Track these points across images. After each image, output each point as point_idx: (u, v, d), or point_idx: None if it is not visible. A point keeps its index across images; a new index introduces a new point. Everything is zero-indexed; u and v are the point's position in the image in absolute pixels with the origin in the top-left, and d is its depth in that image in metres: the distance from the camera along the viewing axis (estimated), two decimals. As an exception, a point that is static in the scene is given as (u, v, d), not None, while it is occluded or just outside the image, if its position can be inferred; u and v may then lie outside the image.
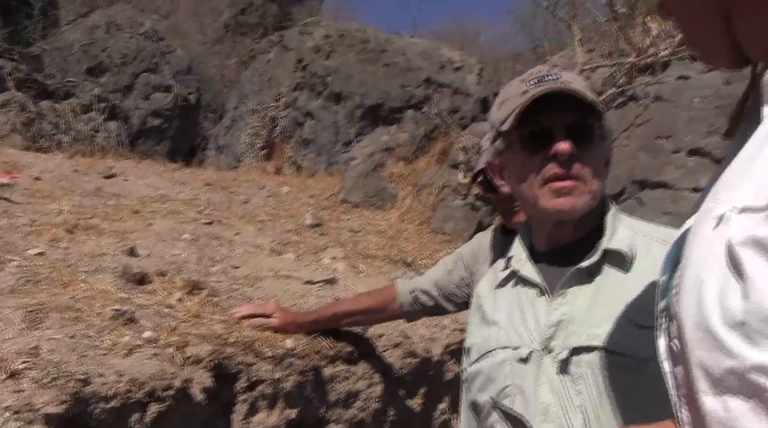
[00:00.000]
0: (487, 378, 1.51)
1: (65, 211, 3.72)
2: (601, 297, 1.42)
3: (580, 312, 1.42)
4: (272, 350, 2.64)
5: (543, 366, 1.41)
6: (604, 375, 1.35)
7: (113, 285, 2.78)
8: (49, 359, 2.02)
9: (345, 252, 4.31)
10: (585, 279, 1.45)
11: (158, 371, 2.21)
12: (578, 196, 1.44)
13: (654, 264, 1.37)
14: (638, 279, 1.40)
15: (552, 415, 1.38)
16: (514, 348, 1.46)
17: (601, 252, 1.45)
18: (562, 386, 1.38)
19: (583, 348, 1.38)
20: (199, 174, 6.57)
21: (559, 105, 1.43)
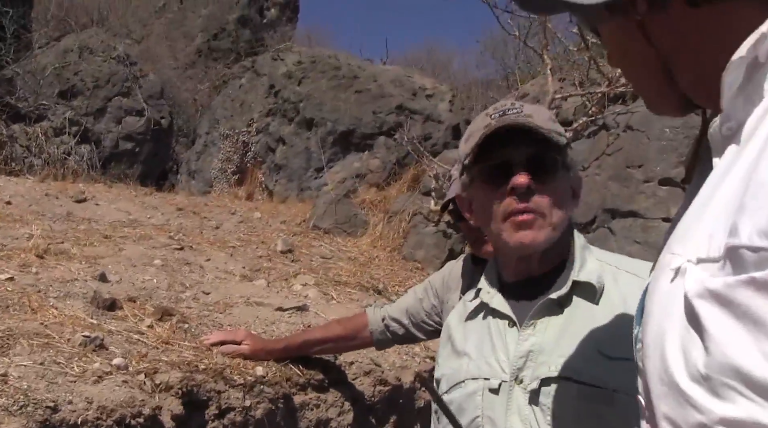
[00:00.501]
0: (457, 409, 1.51)
1: (36, 235, 3.70)
2: (571, 328, 1.44)
3: (549, 342, 1.44)
4: (243, 377, 2.65)
5: (513, 397, 1.43)
6: (573, 405, 1.37)
7: (83, 311, 2.78)
8: (17, 386, 2.02)
9: (316, 278, 4.33)
10: (554, 310, 1.47)
11: (128, 398, 2.21)
12: (538, 229, 1.45)
13: (622, 295, 1.44)
14: (607, 310, 1.44)
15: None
16: (485, 378, 1.48)
17: (570, 284, 1.47)
18: (532, 416, 1.40)
19: (553, 378, 1.40)
20: (171, 199, 6.56)
21: (519, 139, 1.45)
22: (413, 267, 5.40)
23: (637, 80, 0.90)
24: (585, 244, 1.56)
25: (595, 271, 1.49)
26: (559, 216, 1.48)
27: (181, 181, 10.69)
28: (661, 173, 4.46)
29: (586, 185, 4.97)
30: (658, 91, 0.86)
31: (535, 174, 1.45)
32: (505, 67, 13.77)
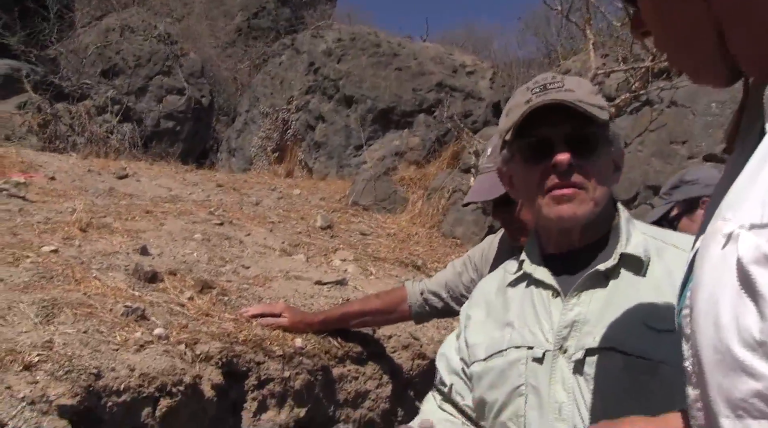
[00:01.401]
0: (498, 377, 1.53)
1: (79, 209, 3.75)
2: (616, 300, 1.44)
3: (594, 313, 1.44)
4: (282, 349, 2.66)
5: (557, 366, 1.44)
6: (617, 376, 1.38)
7: (125, 283, 2.81)
8: (62, 353, 2.05)
9: (355, 254, 4.33)
10: (600, 282, 1.47)
11: (169, 367, 2.23)
12: (579, 203, 1.46)
13: (667, 269, 1.44)
14: (652, 283, 1.44)
15: (565, 414, 1.41)
16: (528, 347, 1.49)
17: (617, 257, 1.47)
18: (576, 385, 1.41)
19: (597, 349, 1.41)
20: (211, 176, 6.61)
21: (559, 114, 1.44)
22: (452, 244, 5.37)
23: (681, 45, 0.85)
24: (629, 218, 1.56)
25: (642, 245, 1.49)
26: (601, 192, 1.48)
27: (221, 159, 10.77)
28: (706, 149, 4.36)
29: (628, 161, 4.88)
30: (705, 58, 0.82)
31: (577, 150, 1.45)
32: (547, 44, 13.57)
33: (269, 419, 2.61)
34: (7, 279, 2.54)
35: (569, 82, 1.50)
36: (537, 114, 1.44)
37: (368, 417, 2.93)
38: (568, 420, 1.41)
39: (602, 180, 1.48)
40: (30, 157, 5.64)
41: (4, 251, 2.83)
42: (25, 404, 1.77)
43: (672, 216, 2.94)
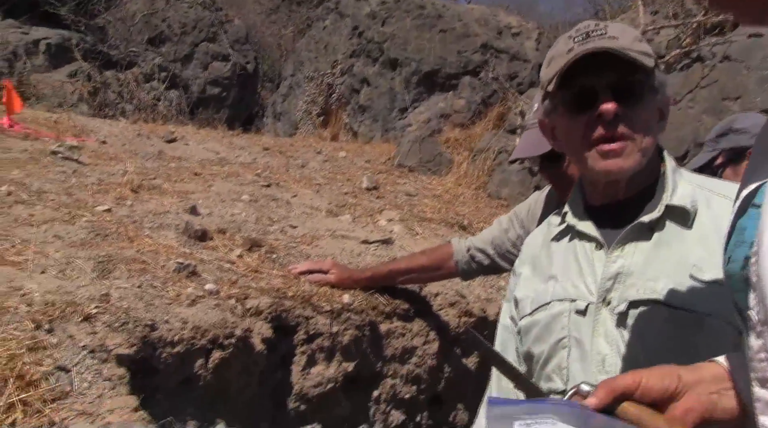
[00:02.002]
0: (543, 330, 1.52)
1: (130, 171, 3.82)
2: (661, 252, 1.41)
3: (638, 265, 1.42)
4: (330, 304, 2.70)
5: (600, 319, 1.42)
6: (661, 328, 1.35)
7: (176, 241, 2.87)
8: (118, 305, 2.11)
9: (401, 214, 4.34)
10: (644, 233, 1.44)
11: (220, 320, 2.29)
12: (626, 156, 1.41)
13: (715, 219, 1.39)
14: (699, 234, 1.40)
15: (609, 366, 1.40)
16: (572, 300, 1.47)
17: (663, 208, 1.44)
18: (619, 338, 1.40)
19: (642, 301, 1.38)
20: (257, 139, 6.66)
21: (603, 63, 1.39)
22: (498, 204, 5.35)
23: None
24: (676, 167, 1.52)
25: (689, 195, 1.45)
26: (647, 141, 1.43)
27: (266, 123, 10.84)
28: (760, 105, 4.24)
29: (678, 119, 4.79)
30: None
31: (622, 99, 1.40)
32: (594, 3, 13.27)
33: (318, 373, 2.66)
34: (65, 236, 2.61)
35: (612, 29, 1.44)
36: (580, 63, 1.39)
37: (415, 372, 2.96)
38: (611, 372, 1.39)
39: (649, 129, 1.43)
40: (82, 122, 5.75)
41: (60, 210, 2.90)
42: (86, 352, 1.83)
43: (716, 164, 2.84)
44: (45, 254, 2.38)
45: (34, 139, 4.37)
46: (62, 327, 1.91)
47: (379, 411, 2.88)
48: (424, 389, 3.02)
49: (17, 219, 2.67)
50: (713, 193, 1.47)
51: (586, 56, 1.39)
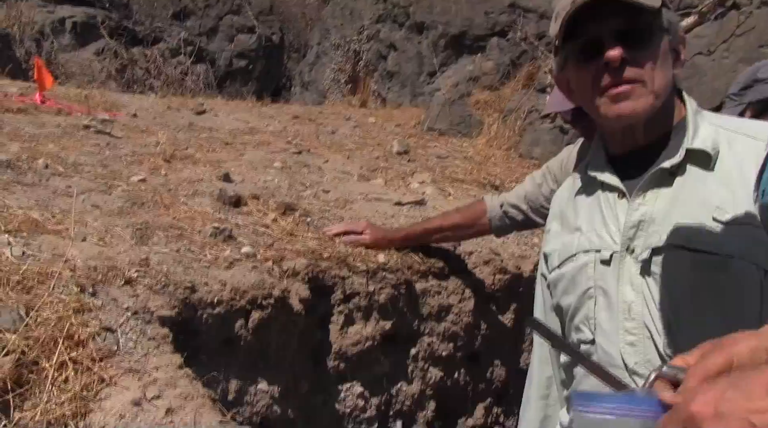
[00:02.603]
0: (570, 282, 1.52)
1: (162, 142, 3.86)
2: (683, 197, 1.40)
3: (660, 212, 1.41)
4: (365, 264, 2.72)
5: (625, 267, 1.43)
6: (686, 273, 1.35)
7: (211, 208, 2.91)
8: (158, 269, 2.16)
9: (433, 176, 4.34)
10: (666, 179, 1.43)
11: (258, 281, 2.32)
12: (637, 98, 1.39)
13: (738, 160, 1.39)
14: (721, 176, 1.39)
15: (635, 313, 1.41)
16: (596, 251, 1.47)
17: (683, 152, 1.42)
18: (645, 286, 1.40)
19: (664, 247, 1.38)
20: (287, 108, 6.67)
21: (607, 9, 1.37)
22: (530, 164, 5.31)
23: None
24: (697, 109, 1.49)
25: (710, 137, 1.43)
26: (660, 83, 1.40)
27: (294, 93, 10.84)
28: (800, 51, 4.14)
29: (713, 70, 4.70)
30: None
31: (629, 43, 1.38)
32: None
33: (356, 332, 2.69)
34: (103, 205, 2.66)
35: None
36: (584, 12, 1.37)
37: (451, 330, 2.98)
38: (637, 319, 1.41)
39: (660, 70, 1.40)
40: (112, 97, 5.81)
41: (96, 181, 2.95)
42: (130, 314, 1.88)
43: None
44: (84, 223, 2.42)
45: (66, 114, 4.42)
46: (105, 290, 1.95)
47: (418, 369, 2.91)
48: (461, 346, 3.04)
49: (55, 190, 2.72)
50: (737, 133, 1.44)
51: (588, 4, 1.36)
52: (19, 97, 4.79)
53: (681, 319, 1.36)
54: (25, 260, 1.99)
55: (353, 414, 2.71)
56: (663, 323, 1.38)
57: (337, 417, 2.66)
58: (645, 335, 1.40)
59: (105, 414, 1.55)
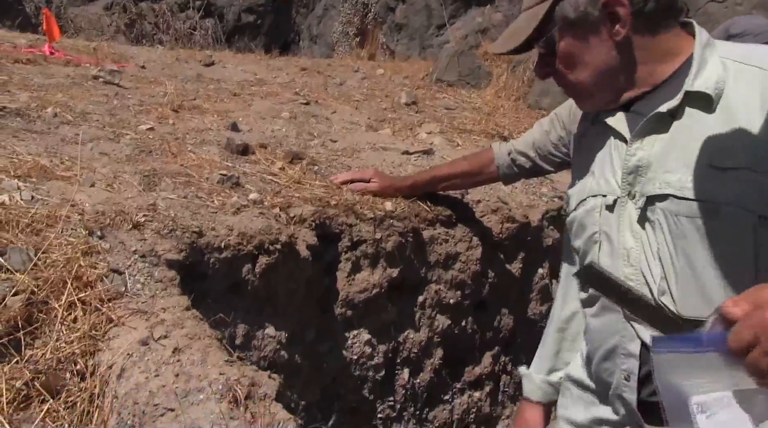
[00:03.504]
0: (579, 226, 1.56)
1: (170, 93, 3.85)
2: (681, 142, 1.40)
3: (657, 157, 1.41)
4: (372, 212, 2.72)
5: (625, 213, 1.45)
6: (680, 221, 1.36)
7: (218, 156, 2.91)
8: (166, 214, 2.17)
9: (441, 127, 4.31)
10: (664, 123, 1.42)
11: (265, 227, 2.33)
12: (579, 100, 1.58)
13: (744, 96, 1.36)
14: (724, 118, 1.36)
15: (633, 260, 1.44)
16: (603, 196, 1.50)
17: (681, 95, 1.40)
18: (642, 232, 1.43)
19: (659, 196, 1.39)
20: (295, 61, 6.62)
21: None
22: (539, 115, 5.26)
23: None
24: (708, 41, 1.45)
25: (714, 76, 1.39)
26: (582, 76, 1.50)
27: (303, 47, 10.76)
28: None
29: (725, 17, 4.61)
30: None
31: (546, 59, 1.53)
32: None
33: (363, 279, 2.71)
34: (111, 153, 2.67)
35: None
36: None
37: (459, 278, 2.99)
38: (636, 266, 1.43)
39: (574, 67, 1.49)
40: (121, 49, 5.78)
41: (105, 130, 2.95)
42: (137, 257, 1.89)
43: None
44: (92, 169, 2.43)
45: (75, 65, 4.41)
46: (113, 234, 1.96)
47: (425, 317, 2.93)
48: (469, 294, 3.05)
49: (64, 138, 2.73)
50: (746, 63, 1.40)
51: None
52: (28, 48, 4.78)
53: (674, 267, 1.39)
54: (34, 204, 2.00)
55: (360, 361, 2.74)
56: (658, 270, 1.41)
57: (344, 363, 2.69)
58: (642, 282, 1.43)
59: (113, 352, 1.57)
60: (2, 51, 4.41)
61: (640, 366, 1.47)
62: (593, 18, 1.43)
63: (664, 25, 1.43)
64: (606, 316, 1.52)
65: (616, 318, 1.50)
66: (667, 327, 1.37)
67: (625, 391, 1.50)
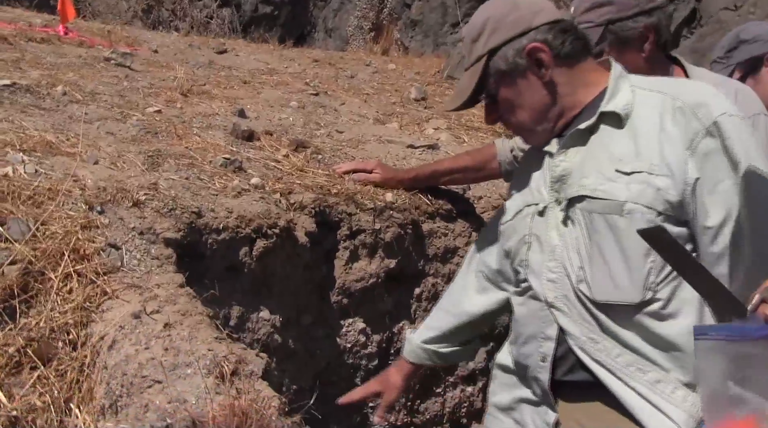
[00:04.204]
0: (513, 230, 1.84)
1: (180, 76, 3.88)
2: (595, 153, 1.68)
3: (576, 166, 1.69)
4: (373, 202, 2.75)
5: (552, 216, 1.72)
6: (591, 218, 1.64)
7: (223, 140, 2.93)
8: (166, 193, 2.20)
9: (449, 123, 4.32)
10: (583, 138, 1.71)
11: (264, 211, 2.36)
12: (525, 137, 1.86)
13: (648, 113, 1.66)
14: (629, 131, 1.66)
15: (557, 255, 1.70)
16: (536, 204, 1.77)
17: (597, 115, 1.68)
18: (565, 230, 1.69)
19: (577, 197, 1.67)
20: (308, 53, 6.64)
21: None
22: (548, 116, 5.28)
23: None
24: (621, 74, 1.75)
25: (624, 100, 1.69)
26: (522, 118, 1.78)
27: (317, 39, 10.79)
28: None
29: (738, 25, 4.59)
30: None
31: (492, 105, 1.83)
32: None
33: (361, 268, 2.73)
34: (117, 133, 2.70)
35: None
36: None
37: (456, 272, 3.00)
38: (558, 260, 1.69)
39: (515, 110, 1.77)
40: (135, 33, 5.82)
41: (112, 110, 2.99)
42: (135, 233, 1.92)
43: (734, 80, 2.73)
44: (98, 147, 2.47)
45: (88, 46, 4.44)
46: (113, 210, 2.00)
47: (421, 309, 2.95)
48: (466, 289, 3.06)
49: (71, 116, 2.76)
50: (650, 90, 1.70)
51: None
52: (42, 27, 4.82)
53: (589, 258, 1.64)
54: (37, 177, 2.04)
55: (354, 349, 2.76)
56: (576, 262, 1.66)
57: (338, 350, 2.72)
58: (563, 273, 1.68)
59: (106, 324, 1.60)
60: (17, 29, 4.45)
61: (556, 348, 1.70)
62: (522, 66, 1.73)
63: (580, 60, 1.76)
64: (530, 304, 1.77)
65: (539, 306, 1.74)
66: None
67: (540, 372, 1.73)
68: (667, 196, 1.57)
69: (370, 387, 2.26)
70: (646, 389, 1.58)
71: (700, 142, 1.56)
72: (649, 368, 1.59)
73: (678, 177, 1.57)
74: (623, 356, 1.60)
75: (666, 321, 1.59)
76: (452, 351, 2.16)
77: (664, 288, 1.59)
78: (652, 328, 1.59)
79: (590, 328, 1.64)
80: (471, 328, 2.15)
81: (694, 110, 1.59)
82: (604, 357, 1.61)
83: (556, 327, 1.69)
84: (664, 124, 1.61)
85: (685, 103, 1.61)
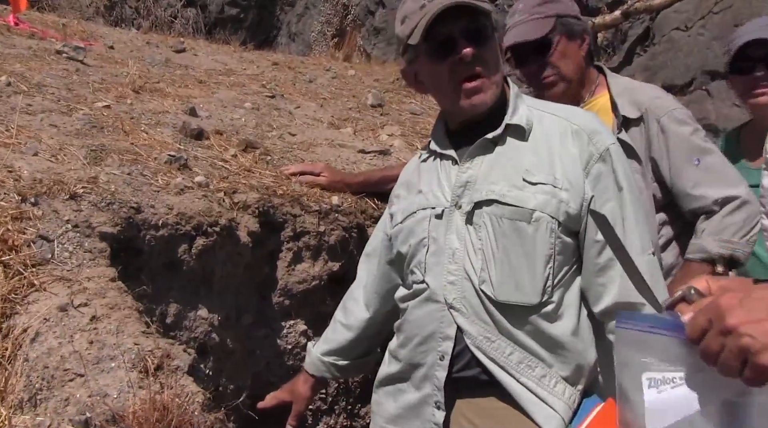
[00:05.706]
0: (408, 233, 1.86)
1: (133, 72, 3.84)
2: (502, 162, 1.76)
3: (483, 173, 1.76)
4: (318, 205, 2.75)
5: (453, 219, 1.77)
6: (498, 222, 1.71)
7: (171, 138, 2.91)
8: (106, 188, 2.17)
9: (403, 130, 4.34)
10: (489, 148, 1.78)
11: (206, 209, 2.34)
12: (486, 90, 1.74)
13: (545, 133, 1.78)
14: (532, 146, 1.76)
15: (457, 257, 1.75)
16: (432, 208, 1.81)
17: (504, 126, 1.77)
18: (467, 234, 1.75)
19: (483, 201, 1.73)
20: (268, 55, 6.61)
21: (453, 12, 1.67)
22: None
23: None
24: (518, 93, 1.85)
25: (525, 115, 1.79)
26: (498, 75, 1.77)
27: (281, 43, 10.76)
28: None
29: (687, 46, 4.72)
30: None
31: (474, 42, 1.70)
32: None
33: (304, 270, 2.73)
34: (61, 125, 2.67)
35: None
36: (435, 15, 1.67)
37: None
38: (459, 263, 1.74)
39: (497, 65, 1.77)
40: (91, 28, 5.74)
41: (59, 103, 2.95)
42: (70, 226, 1.90)
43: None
44: (39, 140, 2.43)
45: (40, 38, 4.38)
46: (48, 202, 1.97)
47: (364, 312, 2.94)
48: (410, 295, 3.08)
49: (14, 107, 2.71)
50: (545, 112, 1.82)
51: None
52: (-8, 18, 4.73)
53: (494, 259, 1.71)
54: (-30, 167, 2.00)
55: (294, 351, 2.75)
56: (479, 264, 1.72)
57: (278, 351, 2.71)
58: (463, 276, 1.73)
59: (30, 316, 1.58)
60: (-33, 19, 4.37)
61: (454, 347, 1.75)
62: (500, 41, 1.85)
63: None
64: (427, 306, 1.79)
65: (437, 307, 1.77)
66: None
67: (438, 370, 1.77)
68: (568, 209, 1.71)
69: (279, 396, 2.23)
70: (533, 383, 1.70)
71: (594, 165, 1.74)
72: (536, 364, 1.71)
73: (577, 192, 1.72)
74: (515, 354, 1.71)
75: (555, 323, 1.72)
76: (349, 365, 2.16)
77: (557, 292, 1.72)
78: (543, 328, 1.71)
79: (486, 328, 1.71)
80: (367, 341, 2.16)
81: (590, 136, 1.76)
82: (498, 355, 1.71)
83: (455, 327, 1.74)
84: (564, 143, 1.75)
85: (582, 128, 1.77)
